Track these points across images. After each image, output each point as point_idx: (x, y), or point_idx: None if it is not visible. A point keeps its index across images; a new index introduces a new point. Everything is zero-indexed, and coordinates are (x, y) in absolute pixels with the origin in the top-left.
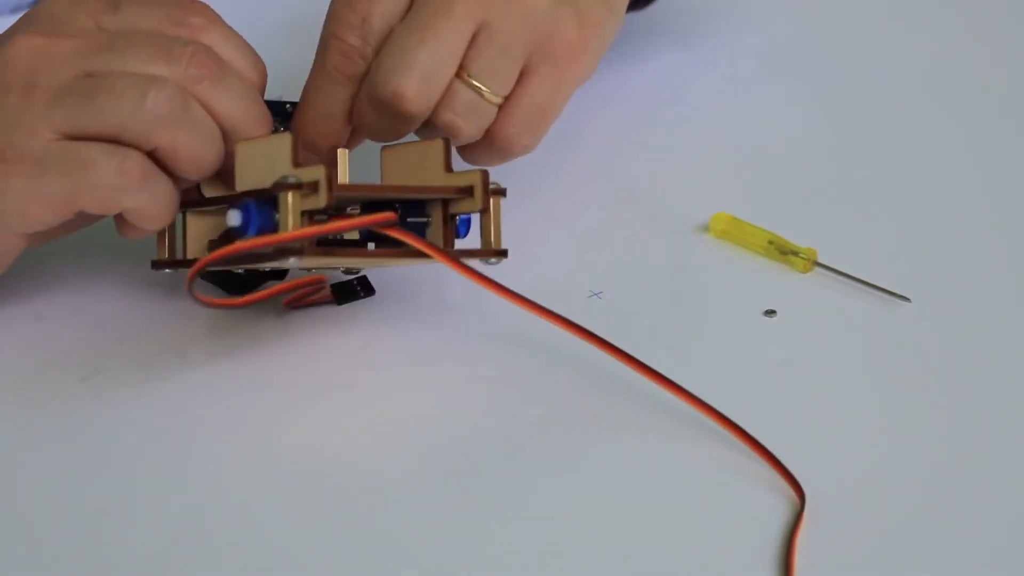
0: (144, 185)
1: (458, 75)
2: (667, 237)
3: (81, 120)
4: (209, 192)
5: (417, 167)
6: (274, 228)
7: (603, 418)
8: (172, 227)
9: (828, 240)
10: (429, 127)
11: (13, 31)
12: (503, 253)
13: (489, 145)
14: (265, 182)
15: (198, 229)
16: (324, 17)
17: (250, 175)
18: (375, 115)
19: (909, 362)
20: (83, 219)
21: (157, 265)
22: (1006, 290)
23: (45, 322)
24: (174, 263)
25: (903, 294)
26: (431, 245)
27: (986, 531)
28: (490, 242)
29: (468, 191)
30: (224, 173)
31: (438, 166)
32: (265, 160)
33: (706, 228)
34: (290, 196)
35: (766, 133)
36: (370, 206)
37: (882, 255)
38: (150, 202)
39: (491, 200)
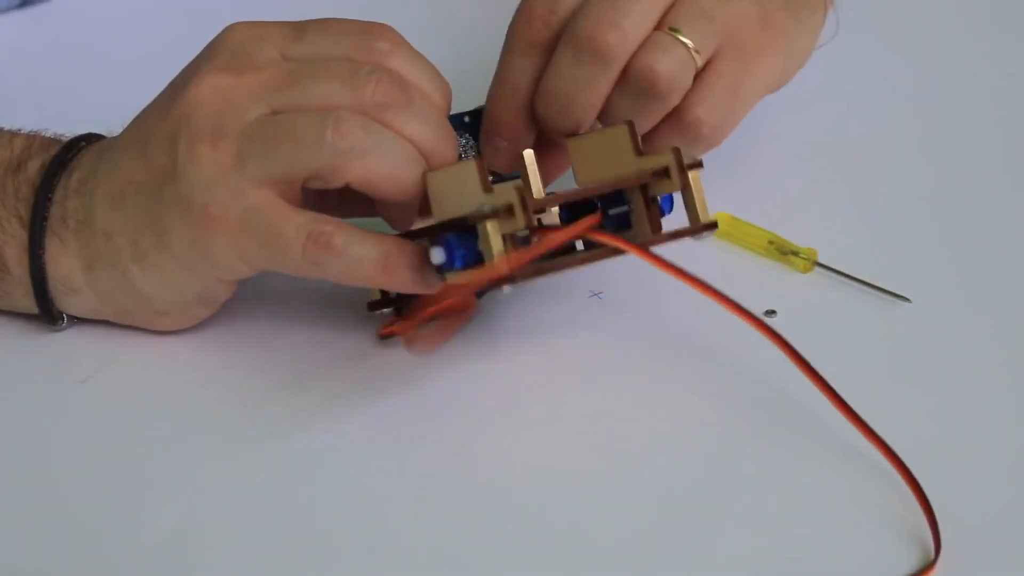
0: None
1: (658, 28)
2: None
3: (270, 171)
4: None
5: (606, 155)
6: (479, 257)
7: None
8: None
9: (828, 240)
10: (626, 77)
11: (196, 66)
12: (713, 226)
13: (677, 123)
14: (459, 211)
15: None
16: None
17: (445, 205)
18: (572, 64)
19: (909, 362)
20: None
21: (374, 307)
22: (1006, 290)
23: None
24: (389, 302)
25: (903, 294)
26: (637, 246)
27: (983, 531)
28: (696, 217)
29: (664, 173)
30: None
31: (627, 151)
32: (455, 189)
33: None
34: (489, 226)
35: (766, 133)
36: (569, 205)
37: (882, 255)
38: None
39: (689, 176)
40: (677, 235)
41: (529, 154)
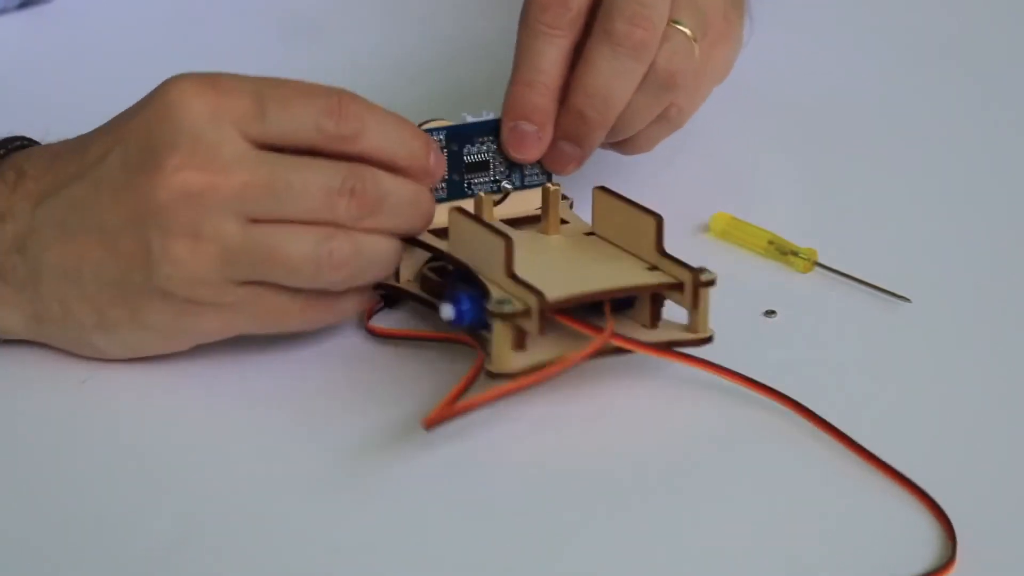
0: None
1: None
2: (667, 237)
3: (260, 275)
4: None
5: (627, 229)
6: (486, 323)
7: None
8: None
9: (828, 240)
10: (648, 78)
11: (154, 152)
12: (709, 339)
13: None
14: (474, 260)
15: (410, 258)
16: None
17: (461, 248)
18: (610, 59)
19: (909, 362)
20: None
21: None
22: (1006, 290)
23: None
24: (386, 286)
25: (903, 294)
26: (643, 345)
27: (984, 531)
28: (697, 331)
29: (678, 287)
30: None
31: (648, 242)
32: (479, 246)
33: (706, 228)
34: (501, 327)
35: (766, 133)
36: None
37: (882, 255)
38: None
39: (700, 293)
40: (678, 346)
41: (556, 191)
